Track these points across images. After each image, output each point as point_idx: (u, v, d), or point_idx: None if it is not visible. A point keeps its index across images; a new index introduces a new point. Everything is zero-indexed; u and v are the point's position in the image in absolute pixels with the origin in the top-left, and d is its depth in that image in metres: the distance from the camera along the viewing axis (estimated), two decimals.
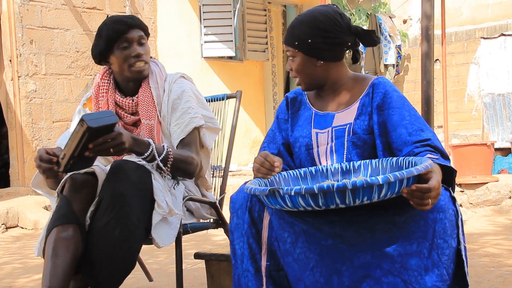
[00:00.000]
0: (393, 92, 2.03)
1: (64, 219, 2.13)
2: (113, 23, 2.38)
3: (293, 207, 1.70)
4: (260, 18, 8.74)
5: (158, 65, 2.53)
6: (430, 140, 1.92)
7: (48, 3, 6.66)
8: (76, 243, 2.11)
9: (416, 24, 10.05)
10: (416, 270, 1.74)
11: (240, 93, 2.92)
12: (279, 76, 9.36)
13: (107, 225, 2.10)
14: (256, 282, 1.85)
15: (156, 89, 2.45)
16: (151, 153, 2.23)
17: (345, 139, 2.03)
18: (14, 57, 6.38)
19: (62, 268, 2.06)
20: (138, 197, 2.15)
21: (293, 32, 2.04)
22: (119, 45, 2.38)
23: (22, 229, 5.53)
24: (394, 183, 1.63)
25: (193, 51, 8.12)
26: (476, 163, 6.12)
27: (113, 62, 2.42)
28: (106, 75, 2.49)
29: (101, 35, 2.39)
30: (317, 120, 2.10)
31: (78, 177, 2.19)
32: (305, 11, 2.08)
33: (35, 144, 6.50)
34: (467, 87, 8.15)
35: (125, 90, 2.47)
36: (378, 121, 2.00)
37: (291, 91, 2.24)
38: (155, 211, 2.20)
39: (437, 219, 1.76)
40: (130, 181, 2.14)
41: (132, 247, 2.15)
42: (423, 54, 4.90)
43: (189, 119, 2.42)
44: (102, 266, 2.10)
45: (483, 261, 3.43)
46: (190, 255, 2.70)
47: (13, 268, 3.90)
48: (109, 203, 2.11)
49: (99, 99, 2.46)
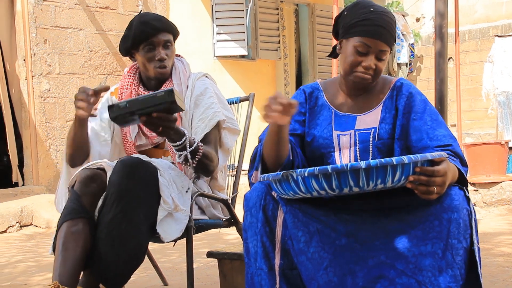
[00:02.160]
0: (417, 95, 2.01)
1: (74, 213, 2.16)
2: (141, 25, 2.44)
3: (306, 191, 1.68)
4: (273, 17, 8.73)
5: (183, 63, 2.60)
6: (451, 146, 1.90)
7: (62, 3, 6.70)
8: (86, 237, 2.14)
9: (429, 22, 9.99)
10: (430, 271, 1.73)
11: (253, 95, 2.93)
12: (291, 75, 9.35)
13: (113, 220, 2.12)
14: (270, 281, 1.84)
15: (179, 85, 2.51)
16: (183, 143, 2.25)
17: (370, 144, 1.99)
18: (28, 57, 6.42)
19: (72, 262, 2.09)
20: (144, 193, 2.19)
21: (390, 31, 1.97)
22: (144, 46, 2.45)
23: (36, 227, 5.57)
24: (408, 165, 1.63)
25: (206, 50, 8.13)
26: (490, 162, 6.08)
27: (138, 59, 2.51)
28: (133, 69, 2.58)
29: (129, 32, 2.47)
30: (337, 120, 2.05)
31: (87, 172, 2.23)
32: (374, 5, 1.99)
33: (49, 143, 6.55)
34: (483, 86, 8.10)
35: (148, 85, 2.54)
36: (401, 124, 1.98)
37: (306, 84, 2.18)
38: (160, 207, 2.23)
39: (451, 219, 1.75)
40: (137, 176, 2.18)
41: (138, 242, 2.17)
42: (437, 53, 4.88)
43: (213, 114, 2.46)
44: (109, 261, 2.12)
45: (498, 261, 3.40)
46: (203, 254, 2.71)
47: (27, 266, 3.92)
48: (115, 198, 2.14)
49: (123, 91, 2.54)
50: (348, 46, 1.98)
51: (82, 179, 2.22)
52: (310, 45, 9.36)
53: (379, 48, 1.94)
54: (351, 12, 2.00)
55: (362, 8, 1.98)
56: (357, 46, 1.95)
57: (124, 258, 2.14)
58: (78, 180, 2.23)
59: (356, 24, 1.96)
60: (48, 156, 6.55)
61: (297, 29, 9.64)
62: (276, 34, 8.81)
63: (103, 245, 2.13)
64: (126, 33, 2.50)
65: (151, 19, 2.48)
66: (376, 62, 1.96)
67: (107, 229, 2.13)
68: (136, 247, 2.17)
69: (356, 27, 1.96)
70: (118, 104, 2.07)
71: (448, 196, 1.77)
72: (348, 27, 1.98)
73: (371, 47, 1.94)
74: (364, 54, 1.95)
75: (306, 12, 9.43)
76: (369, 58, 1.95)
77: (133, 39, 2.45)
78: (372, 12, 1.95)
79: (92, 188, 2.21)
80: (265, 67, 8.87)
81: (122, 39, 2.52)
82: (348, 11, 2.02)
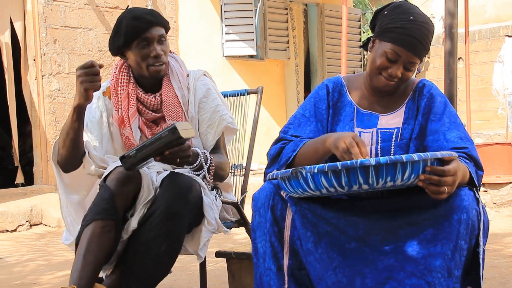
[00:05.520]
0: (437, 96, 2.00)
1: (105, 214, 2.07)
2: (133, 20, 2.27)
3: (315, 188, 1.68)
4: (282, 17, 8.72)
5: (178, 61, 2.44)
6: (467, 149, 1.89)
7: (72, 3, 6.73)
8: (111, 241, 2.08)
9: (438, 22, 9.95)
10: (439, 272, 1.72)
11: (262, 88, 2.85)
12: (301, 75, 9.35)
13: (155, 240, 2.08)
14: (278, 281, 1.84)
15: (180, 89, 2.38)
16: (199, 163, 2.23)
17: (392, 144, 1.98)
18: (38, 57, 6.45)
19: (93, 266, 2.04)
20: (190, 215, 2.15)
21: (425, 44, 1.92)
22: (138, 43, 2.27)
23: (46, 226, 5.59)
24: (417, 163, 1.62)
25: (215, 50, 8.14)
26: (500, 163, 6.05)
27: (130, 57, 2.33)
28: (124, 68, 2.38)
29: (119, 29, 2.29)
30: (359, 118, 2.03)
31: (124, 171, 2.11)
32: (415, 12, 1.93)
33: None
34: (493, 86, 8.05)
35: (144, 85, 2.39)
36: (419, 124, 1.98)
37: (329, 79, 2.11)
38: (205, 228, 2.20)
39: (461, 219, 1.74)
40: (186, 199, 2.11)
41: (172, 263, 2.16)
42: (446, 53, 4.85)
43: (219, 118, 2.39)
44: (140, 277, 2.10)
45: (508, 262, 3.38)
46: (212, 253, 2.71)
47: (37, 265, 3.94)
48: (161, 218, 2.08)
49: (118, 92, 2.36)
50: (379, 48, 1.94)
51: (119, 177, 2.11)
52: (319, 45, 9.34)
53: (409, 59, 1.92)
54: (391, 14, 1.95)
55: (402, 13, 1.93)
56: (387, 52, 1.92)
57: (156, 275, 2.13)
58: (115, 177, 2.12)
59: (392, 29, 1.92)
60: None
61: (306, 29, 9.62)
62: (285, 34, 8.80)
63: (138, 261, 2.09)
64: (115, 30, 2.30)
65: (143, 13, 2.30)
66: (403, 71, 1.94)
67: (146, 247, 2.08)
68: (169, 267, 2.16)
69: (391, 33, 1.91)
70: (128, 154, 2.05)
71: (457, 197, 1.76)
72: (384, 30, 1.94)
73: (401, 56, 1.91)
74: (393, 61, 1.93)
75: (315, 12, 9.42)
76: (397, 67, 1.93)
77: (125, 36, 2.26)
78: (411, 22, 1.90)
79: (128, 189, 2.12)
80: (273, 67, 8.85)
81: (112, 37, 2.32)
82: (389, 12, 1.97)
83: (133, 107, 2.34)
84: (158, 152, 2.03)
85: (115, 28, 2.31)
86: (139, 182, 2.15)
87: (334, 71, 9.00)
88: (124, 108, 2.35)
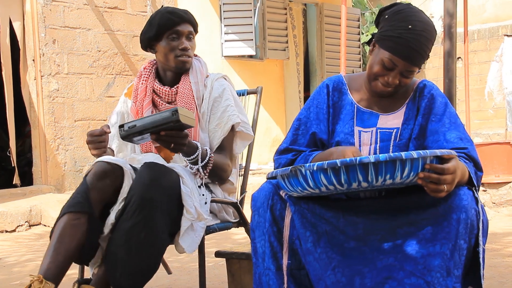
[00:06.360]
0: (438, 97, 2.00)
1: (78, 206, 2.13)
2: (168, 13, 2.43)
3: (314, 186, 1.68)
4: (281, 17, 8.72)
5: (200, 62, 2.59)
6: (467, 150, 1.89)
7: (71, 3, 6.72)
8: (83, 233, 2.11)
9: (437, 22, 9.95)
10: (438, 272, 1.73)
11: (261, 88, 2.89)
12: (301, 75, 9.35)
13: (133, 228, 2.10)
14: (277, 281, 1.85)
15: (196, 84, 2.48)
16: (196, 157, 2.28)
17: (391, 143, 1.99)
18: (37, 57, 6.45)
19: (63, 257, 2.07)
20: (166, 202, 2.16)
21: (423, 53, 1.91)
22: (169, 35, 2.43)
23: (45, 226, 5.59)
24: (417, 160, 1.62)
25: (214, 50, 8.14)
26: (499, 162, 6.06)
27: (159, 50, 2.46)
28: (149, 65, 2.55)
29: (153, 22, 2.44)
30: (359, 116, 2.04)
31: (104, 166, 2.19)
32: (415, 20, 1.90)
33: (57, 142, 6.57)
34: (487, 84, 8.06)
35: (164, 80, 2.52)
36: (419, 124, 1.98)
37: (330, 77, 2.12)
38: (184, 217, 2.21)
39: (460, 219, 1.74)
40: (161, 185, 2.14)
41: (156, 252, 2.16)
42: (445, 52, 4.86)
43: (227, 117, 2.45)
44: (125, 269, 2.11)
45: (507, 261, 3.38)
46: (211, 253, 2.71)
47: (36, 265, 3.94)
48: (137, 206, 2.11)
49: (138, 86, 2.51)
50: (378, 55, 1.94)
51: (96, 172, 2.18)
52: (318, 45, 9.34)
53: (406, 68, 1.92)
54: (391, 20, 1.94)
55: (402, 20, 1.91)
56: (384, 60, 1.92)
57: (141, 266, 2.13)
58: (92, 171, 2.19)
59: (390, 38, 1.91)
60: (57, 156, 6.57)
61: (306, 29, 9.62)
62: (284, 34, 8.80)
63: (120, 252, 2.11)
64: (148, 23, 2.46)
65: (177, 9, 2.49)
66: (400, 78, 1.95)
67: (126, 237, 2.11)
68: (153, 256, 2.16)
69: (389, 41, 1.91)
70: (127, 124, 2.08)
71: (456, 196, 1.76)
72: (382, 36, 1.94)
73: (397, 66, 1.92)
74: (390, 69, 1.93)
75: (314, 12, 9.42)
76: (393, 75, 1.93)
77: (157, 27, 2.42)
78: (409, 31, 1.89)
79: (104, 184, 2.18)
80: (273, 67, 8.86)
81: (145, 30, 2.48)
82: (390, 16, 1.95)
83: (148, 98, 2.47)
84: (155, 128, 2.06)
85: (149, 21, 2.47)
86: (118, 176, 2.20)
87: (333, 71, 9.01)
88: (140, 99, 2.48)
